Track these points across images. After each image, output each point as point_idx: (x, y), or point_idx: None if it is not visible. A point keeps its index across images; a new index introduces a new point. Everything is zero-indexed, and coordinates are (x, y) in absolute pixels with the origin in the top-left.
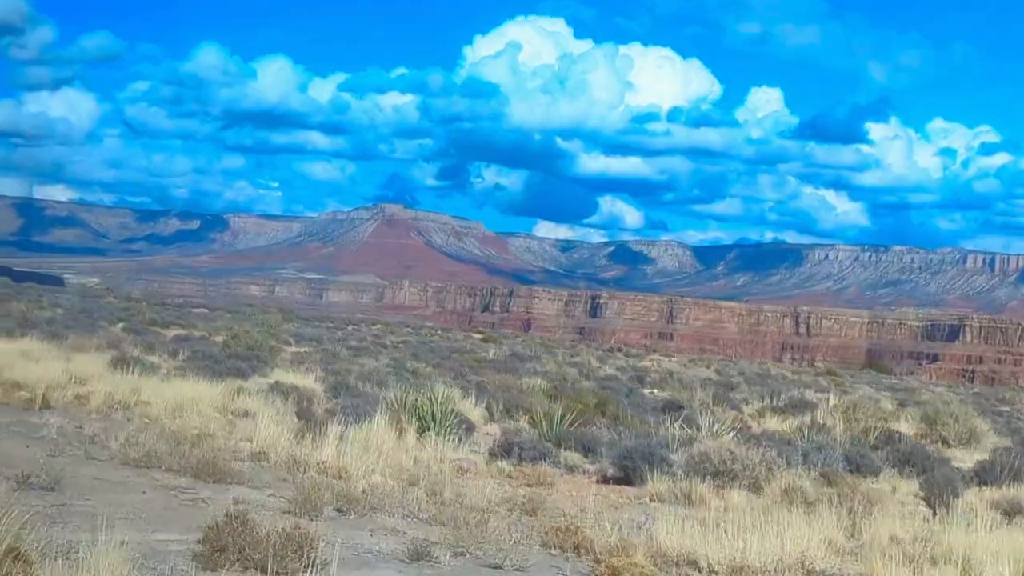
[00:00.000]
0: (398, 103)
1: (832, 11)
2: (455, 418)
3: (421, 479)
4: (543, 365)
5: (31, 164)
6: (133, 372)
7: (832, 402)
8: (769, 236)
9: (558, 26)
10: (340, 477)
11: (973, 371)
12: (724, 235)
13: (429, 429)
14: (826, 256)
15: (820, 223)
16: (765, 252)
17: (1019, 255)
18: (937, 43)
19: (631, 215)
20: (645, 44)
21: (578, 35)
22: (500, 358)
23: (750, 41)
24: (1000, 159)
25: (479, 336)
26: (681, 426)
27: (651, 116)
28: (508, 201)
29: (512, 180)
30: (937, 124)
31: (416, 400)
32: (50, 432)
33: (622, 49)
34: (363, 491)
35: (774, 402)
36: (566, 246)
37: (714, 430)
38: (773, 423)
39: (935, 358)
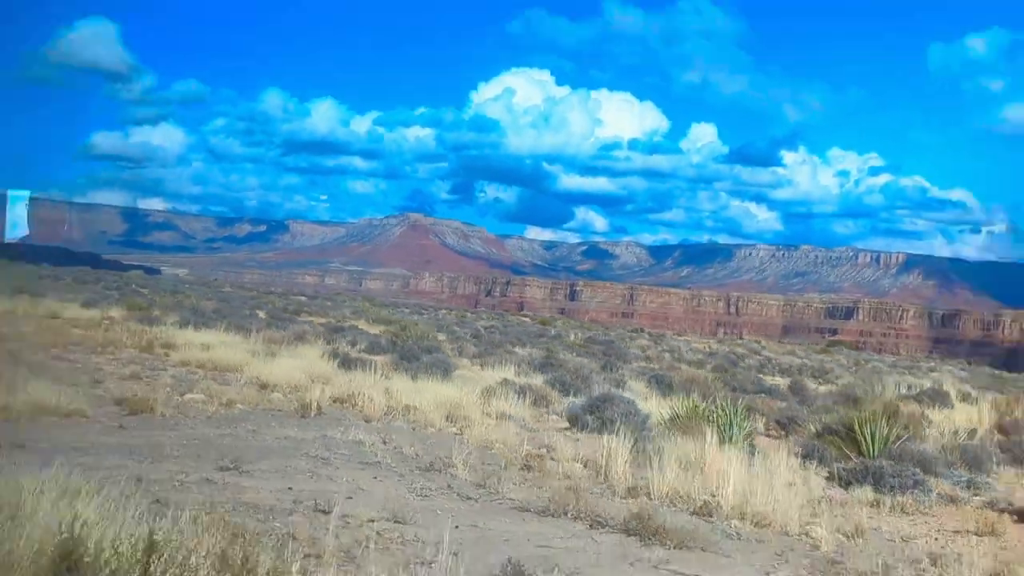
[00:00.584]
0: (420, 135)
1: (756, 65)
2: (749, 426)
3: (830, 522)
4: (634, 349)
5: (135, 181)
6: (356, 369)
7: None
8: (706, 238)
9: (544, 76)
10: (759, 525)
11: (865, 343)
12: (671, 237)
13: (727, 440)
14: (750, 253)
15: (745, 228)
16: (703, 250)
17: (898, 253)
18: (835, 89)
19: (599, 221)
20: (611, 90)
21: (559, 83)
22: (581, 342)
23: (692, 88)
24: (883, 179)
25: (537, 320)
26: None
27: (615, 145)
28: (505, 211)
29: (508, 194)
30: (835, 152)
31: (705, 406)
32: (373, 452)
33: (593, 94)
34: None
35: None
36: (549, 245)
37: None
38: None
39: (835, 332)
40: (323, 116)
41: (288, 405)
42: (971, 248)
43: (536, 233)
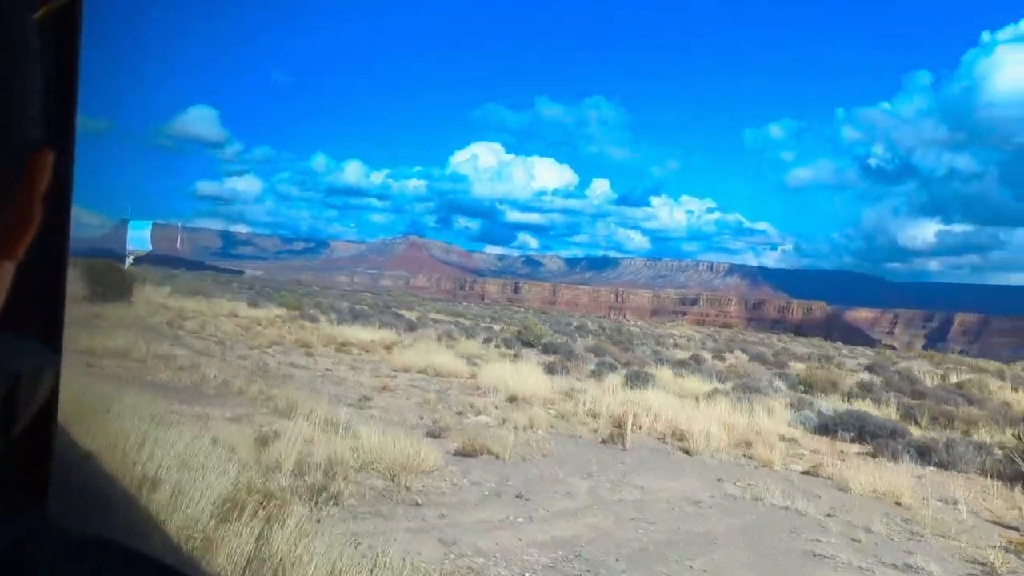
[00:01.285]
0: (416, 184)
1: (634, 140)
2: None
3: None
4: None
5: (228, 213)
6: (558, 374)
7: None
8: (602, 253)
9: (497, 147)
10: None
11: (703, 320)
12: (580, 252)
13: None
14: (630, 263)
15: (626, 247)
16: (600, 261)
17: (724, 263)
18: (685, 156)
19: (533, 242)
20: (541, 156)
21: (507, 151)
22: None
23: (593, 155)
24: (715, 215)
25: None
26: None
27: (544, 192)
28: (472, 234)
29: (474, 224)
30: (685, 197)
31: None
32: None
33: (529, 158)
34: None
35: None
36: (501, 257)
37: None
38: None
39: (684, 314)
40: (352, 171)
41: (577, 428)
42: (771, 260)
43: (491, 249)
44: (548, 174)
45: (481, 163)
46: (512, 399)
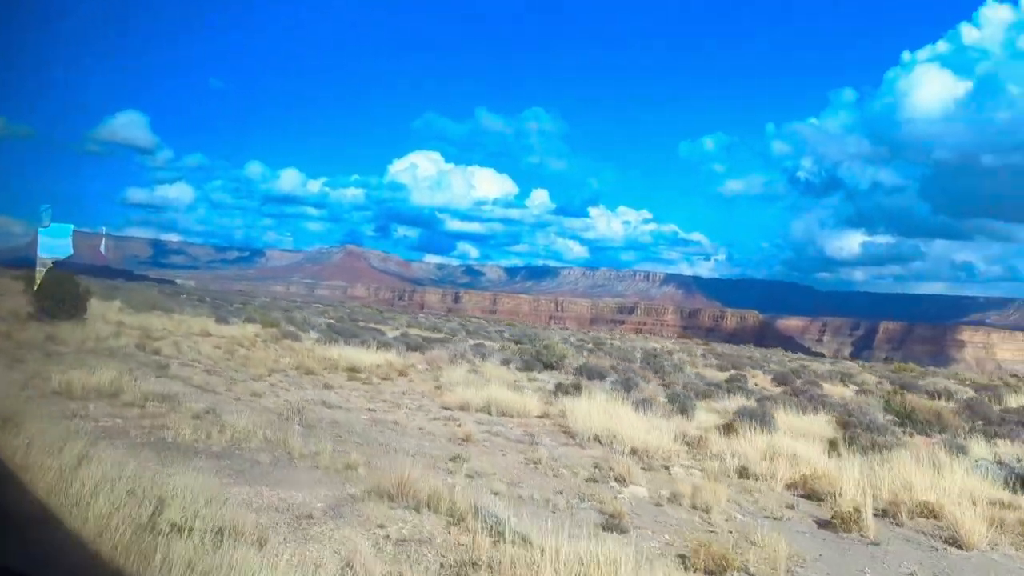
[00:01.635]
0: (354, 193)
1: (573, 151)
2: None
3: None
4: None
5: (158, 221)
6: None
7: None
8: (541, 262)
9: (436, 156)
10: None
11: (641, 329)
12: (520, 261)
13: None
14: (569, 272)
15: (565, 256)
16: (539, 270)
17: (660, 272)
18: (622, 168)
19: (473, 251)
20: (481, 166)
21: (447, 161)
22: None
23: (532, 165)
24: (651, 226)
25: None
26: None
27: (483, 202)
28: (411, 244)
29: (413, 233)
30: (622, 208)
31: None
32: None
33: (469, 168)
34: None
35: None
36: (440, 267)
37: None
38: None
39: (622, 322)
40: (288, 179)
41: (765, 500)
42: (704, 269)
43: (431, 259)
44: (488, 184)
45: (420, 172)
46: (634, 452)
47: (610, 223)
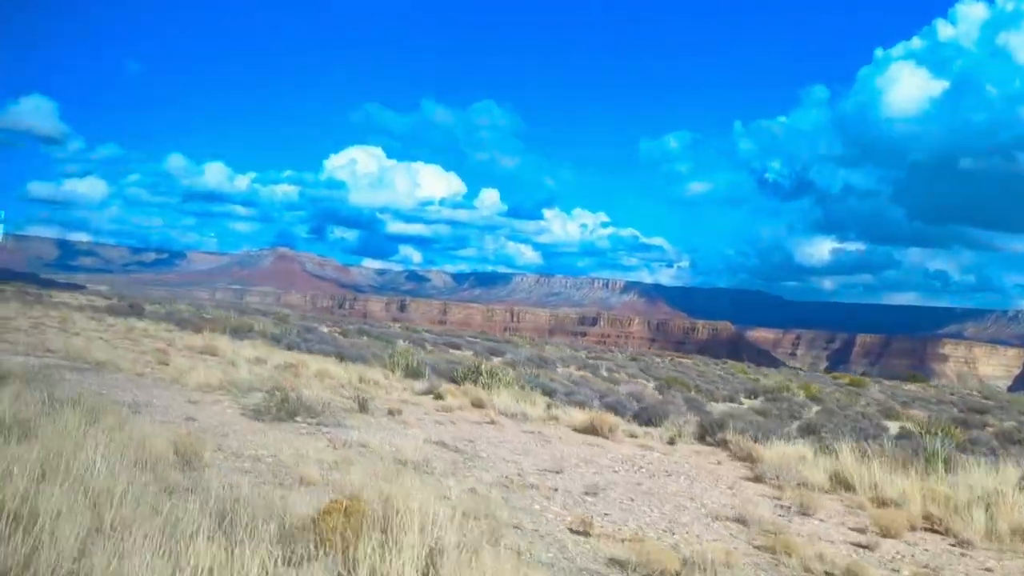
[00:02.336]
0: (286, 190)
1: (526, 148)
2: None
3: None
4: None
5: (66, 219)
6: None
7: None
8: (490, 268)
9: (378, 151)
10: None
11: (605, 341)
12: (467, 267)
13: None
14: (522, 279)
15: (517, 261)
16: (490, 276)
17: (620, 279)
18: (578, 167)
19: (416, 255)
20: (426, 162)
21: (389, 156)
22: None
23: (482, 163)
24: (609, 230)
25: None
26: None
27: (429, 202)
28: (348, 246)
29: (351, 234)
30: (578, 211)
31: None
32: None
33: (413, 165)
34: None
35: None
36: (381, 272)
37: None
38: None
39: (585, 334)
40: (214, 174)
41: None
42: (667, 277)
43: (370, 263)
44: (434, 182)
45: (360, 168)
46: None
47: (565, 226)
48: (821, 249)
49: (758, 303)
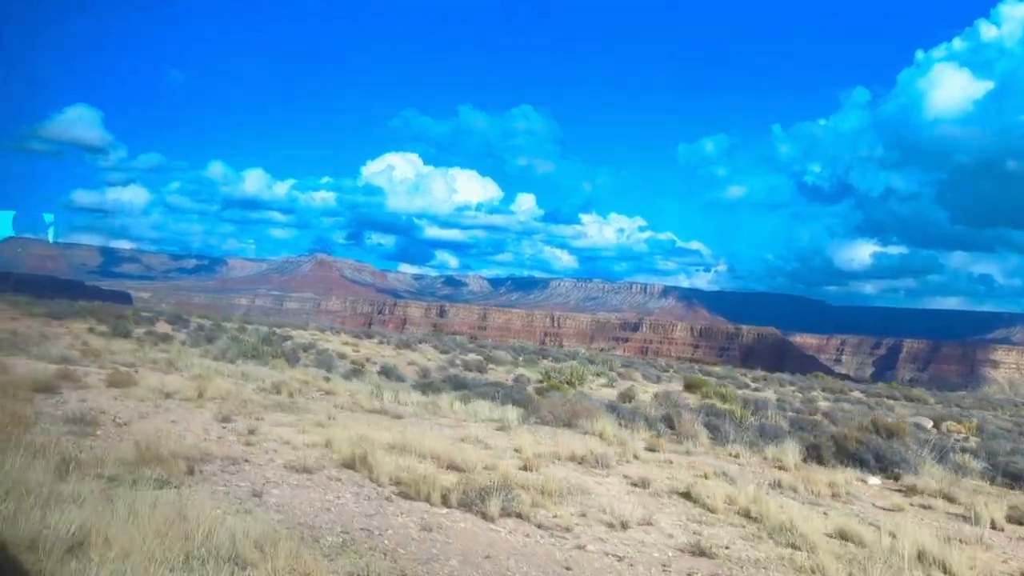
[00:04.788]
0: (325, 196)
1: (563, 154)
2: None
3: None
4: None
5: (109, 227)
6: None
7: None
8: (527, 273)
9: (414, 157)
10: None
11: (648, 348)
12: (503, 271)
13: None
14: (559, 284)
15: (554, 266)
16: (526, 281)
17: (657, 284)
18: (615, 172)
19: (453, 261)
20: (463, 168)
21: (426, 162)
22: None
23: (519, 168)
24: (646, 234)
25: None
26: None
27: (465, 207)
28: (385, 252)
29: (388, 240)
30: (614, 215)
31: None
32: None
33: (450, 171)
34: None
35: None
36: (418, 277)
37: None
38: None
39: (627, 340)
40: (253, 181)
41: None
42: (704, 281)
43: (407, 268)
44: (470, 187)
45: (397, 174)
46: None
47: (602, 231)
48: (862, 253)
49: (799, 307)
